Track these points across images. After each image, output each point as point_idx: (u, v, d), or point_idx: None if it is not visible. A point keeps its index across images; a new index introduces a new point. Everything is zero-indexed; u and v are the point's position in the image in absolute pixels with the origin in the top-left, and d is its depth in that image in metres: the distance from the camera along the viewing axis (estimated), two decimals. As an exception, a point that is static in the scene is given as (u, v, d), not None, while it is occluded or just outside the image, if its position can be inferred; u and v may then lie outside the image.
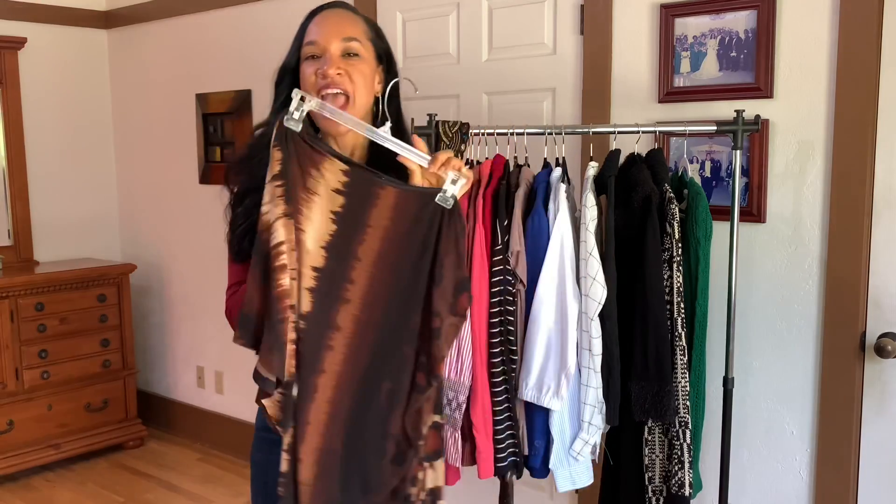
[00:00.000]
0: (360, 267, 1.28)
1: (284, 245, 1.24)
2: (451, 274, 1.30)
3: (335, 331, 1.28)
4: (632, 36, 2.41)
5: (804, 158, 2.15)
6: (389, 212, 1.29)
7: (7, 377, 3.53)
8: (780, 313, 2.22)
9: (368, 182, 1.29)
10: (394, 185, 1.30)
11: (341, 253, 1.28)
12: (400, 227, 1.29)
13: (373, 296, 1.29)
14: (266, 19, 3.44)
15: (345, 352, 1.28)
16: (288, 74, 1.53)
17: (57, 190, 4.09)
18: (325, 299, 1.27)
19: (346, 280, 1.28)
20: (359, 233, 1.28)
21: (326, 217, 1.27)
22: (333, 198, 1.27)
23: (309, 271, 1.26)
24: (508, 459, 2.08)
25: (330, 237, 1.27)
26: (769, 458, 2.29)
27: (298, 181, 1.25)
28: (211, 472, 3.72)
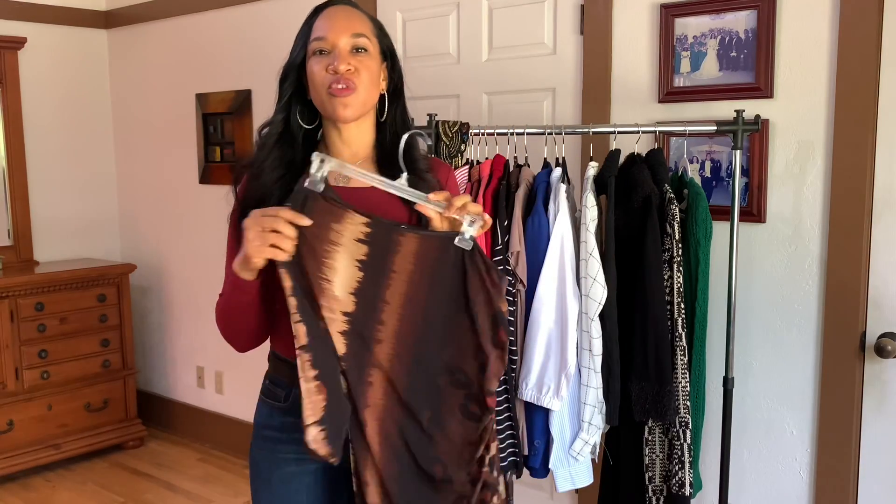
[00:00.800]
0: (388, 309, 1.38)
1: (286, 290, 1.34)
2: (485, 310, 1.39)
3: (372, 368, 1.38)
4: (632, 36, 2.41)
5: (804, 158, 2.15)
6: (412, 257, 1.38)
7: (7, 377, 3.53)
8: (780, 313, 2.22)
9: (389, 230, 1.38)
10: (414, 232, 1.39)
11: (370, 298, 1.37)
12: (424, 271, 1.38)
13: (404, 335, 1.39)
14: (266, 19, 3.44)
15: (383, 387, 1.39)
16: (293, 71, 1.52)
17: (57, 190, 4.09)
18: (359, 340, 1.37)
19: (376, 321, 1.38)
20: (384, 278, 1.38)
21: (352, 265, 1.37)
22: (357, 247, 1.37)
23: (340, 316, 1.36)
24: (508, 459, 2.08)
25: (358, 283, 1.37)
26: (769, 458, 2.29)
27: (324, 236, 1.35)
28: (211, 472, 3.72)
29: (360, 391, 1.38)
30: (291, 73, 1.53)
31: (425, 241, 1.38)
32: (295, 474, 1.54)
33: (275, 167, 1.50)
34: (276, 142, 1.52)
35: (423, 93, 2.89)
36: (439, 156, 2.18)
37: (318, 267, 1.35)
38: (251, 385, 1.66)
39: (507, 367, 2.07)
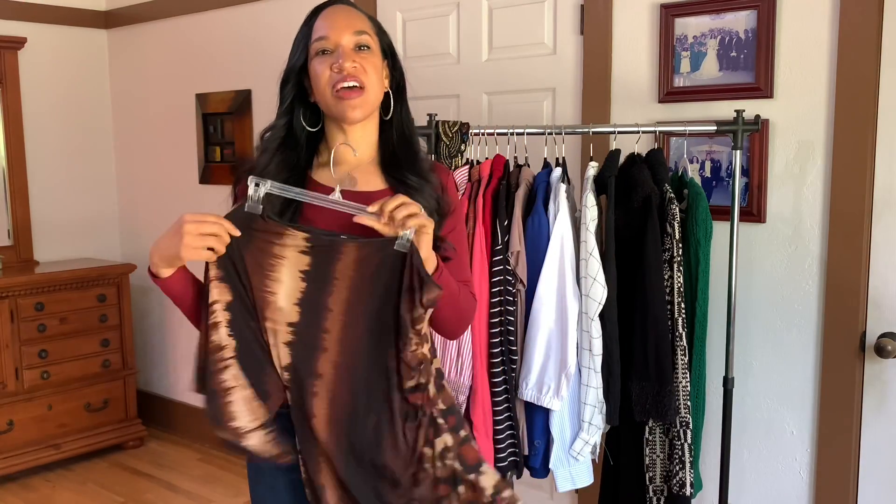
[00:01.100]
0: (332, 317, 1.40)
1: (217, 304, 1.40)
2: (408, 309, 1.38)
3: (317, 378, 1.39)
4: (632, 36, 2.41)
5: (804, 158, 2.15)
6: (353, 263, 1.39)
7: (7, 377, 3.53)
8: (780, 313, 2.22)
9: (330, 241, 1.40)
10: (353, 241, 1.40)
11: (313, 306, 1.39)
12: (365, 276, 1.39)
13: (347, 341, 1.40)
14: (266, 19, 3.44)
15: (328, 396, 1.40)
16: (294, 75, 1.51)
17: (57, 190, 4.09)
18: (304, 350, 1.40)
19: (321, 330, 1.40)
20: (327, 286, 1.39)
21: (296, 276, 1.39)
22: (300, 258, 1.40)
23: (284, 328, 1.39)
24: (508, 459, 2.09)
25: (301, 294, 1.40)
26: (769, 458, 2.29)
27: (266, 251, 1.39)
28: (211, 472, 3.72)
29: (307, 402, 1.39)
30: (293, 76, 1.51)
31: (365, 248, 1.39)
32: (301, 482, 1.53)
33: (279, 171, 1.48)
34: (279, 146, 1.51)
35: (423, 93, 2.88)
36: (439, 156, 2.18)
37: (262, 280, 1.39)
38: (251, 385, 1.66)
39: (508, 367, 2.07)
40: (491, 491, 1.42)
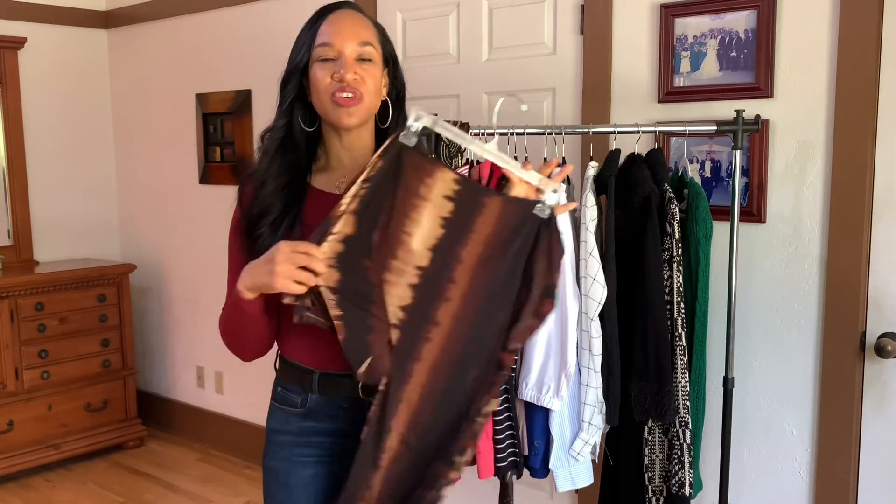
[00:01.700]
0: (461, 269, 1.40)
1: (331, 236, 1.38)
2: (541, 279, 1.40)
3: (434, 325, 1.40)
4: (632, 36, 2.41)
5: (804, 158, 2.15)
6: (493, 219, 1.40)
7: (7, 377, 3.53)
8: (780, 313, 2.22)
9: (477, 191, 1.41)
10: (499, 196, 1.41)
11: (446, 255, 1.40)
12: (501, 234, 1.40)
13: (471, 295, 1.41)
14: (266, 19, 3.44)
15: (441, 344, 1.41)
16: (296, 75, 1.51)
17: (57, 190, 4.09)
18: (427, 295, 1.40)
19: (449, 280, 1.40)
20: (464, 237, 1.40)
21: (436, 222, 1.40)
22: (444, 204, 1.40)
23: (412, 269, 1.40)
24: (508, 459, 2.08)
25: (437, 240, 1.40)
26: (769, 458, 2.29)
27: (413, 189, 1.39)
28: (211, 472, 3.72)
29: (416, 344, 1.40)
30: (294, 77, 1.51)
31: (509, 205, 1.40)
32: (314, 477, 1.54)
33: (280, 174, 1.50)
34: (279, 147, 1.52)
35: (423, 93, 2.89)
36: (439, 156, 2.18)
37: (401, 220, 1.39)
38: (251, 385, 1.67)
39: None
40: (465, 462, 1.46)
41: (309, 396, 1.54)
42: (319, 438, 1.55)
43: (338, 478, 1.55)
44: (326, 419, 1.55)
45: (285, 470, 1.55)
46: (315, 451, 1.55)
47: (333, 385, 1.53)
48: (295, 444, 1.56)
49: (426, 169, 1.40)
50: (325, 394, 1.54)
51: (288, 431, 1.57)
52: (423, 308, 1.40)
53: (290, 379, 1.58)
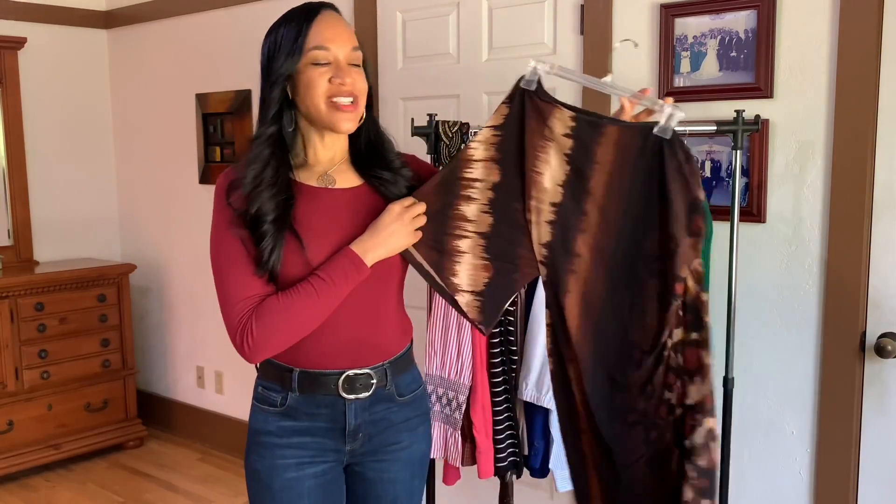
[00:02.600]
0: (591, 200, 1.45)
1: (479, 183, 1.48)
2: (682, 197, 1.39)
3: (576, 257, 1.47)
4: (632, 36, 2.41)
5: (804, 158, 2.15)
6: (613, 147, 1.44)
7: (7, 377, 3.53)
8: (780, 313, 2.22)
9: (593, 123, 1.46)
10: (615, 124, 1.45)
11: (575, 189, 1.46)
12: (624, 161, 1.43)
13: (605, 224, 1.45)
14: (266, 19, 3.42)
15: (585, 275, 1.47)
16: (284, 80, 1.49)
17: (57, 190, 4.09)
18: (564, 230, 1.47)
19: (581, 213, 1.46)
20: (588, 169, 1.45)
21: (561, 159, 1.46)
22: (564, 141, 1.46)
23: (548, 207, 1.47)
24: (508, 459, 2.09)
25: (565, 176, 1.46)
26: (769, 458, 2.29)
27: (537, 131, 1.46)
28: (211, 472, 3.73)
29: (563, 278, 1.47)
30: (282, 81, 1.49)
31: (626, 132, 1.44)
32: (296, 479, 1.55)
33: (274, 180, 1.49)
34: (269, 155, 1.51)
35: (423, 93, 2.89)
36: (439, 156, 2.18)
37: (532, 161, 1.46)
38: (251, 385, 1.67)
39: (508, 368, 2.07)
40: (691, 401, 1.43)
41: (289, 395, 1.55)
42: (300, 438, 1.56)
43: (320, 479, 1.56)
44: (305, 418, 1.55)
45: (268, 472, 1.56)
46: (296, 451, 1.55)
47: (313, 383, 1.54)
48: (276, 445, 1.56)
49: (546, 110, 1.47)
50: (304, 392, 1.54)
51: (268, 432, 1.57)
52: (563, 242, 1.47)
53: (271, 377, 1.59)
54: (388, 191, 1.57)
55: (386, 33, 3.00)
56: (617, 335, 1.46)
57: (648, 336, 1.44)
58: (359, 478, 1.63)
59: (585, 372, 1.48)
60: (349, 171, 1.60)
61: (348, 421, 1.55)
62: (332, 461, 1.58)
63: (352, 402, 1.55)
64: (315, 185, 1.55)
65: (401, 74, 2.96)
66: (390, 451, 1.62)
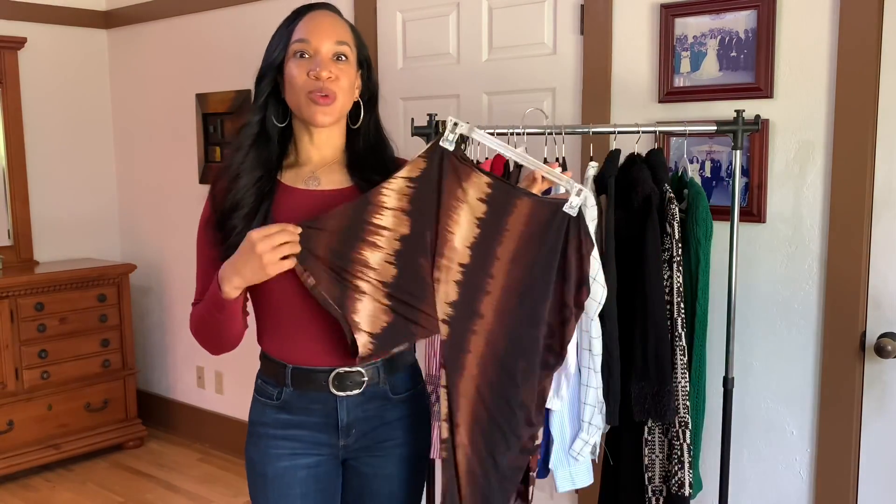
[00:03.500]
0: (498, 264, 1.51)
1: (386, 231, 1.48)
2: (575, 272, 1.52)
3: (479, 318, 1.52)
4: (632, 36, 2.41)
5: (804, 158, 2.15)
6: (525, 218, 1.51)
7: (7, 377, 3.53)
8: (780, 313, 2.22)
9: (507, 193, 1.51)
10: (529, 196, 1.51)
11: (483, 252, 1.51)
12: (533, 231, 1.51)
13: (509, 289, 1.52)
14: (266, 19, 3.44)
15: (486, 336, 1.52)
16: (271, 71, 1.54)
17: (57, 190, 4.09)
18: (470, 291, 1.51)
19: (487, 275, 1.51)
20: (498, 235, 1.51)
21: (472, 222, 1.51)
22: (478, 205, 1.51)
23: (456, 266, 1.50)
24: (508, 459, 2.08)
25: (474, 239, 1.51)
26: (769, 458, 2.29)
27: (451, 191, 1.49)
28: (211, 472, 3.73)
29: (465, 337, 1.51)
30: (269, 73, 1.55)
31: (539, 205, 1.51)
32: (288, 469, 1.58)
33: (253, 168, 1.53)
34: (253, 143, 1.55)
35: (423, 93, 2.89)
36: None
37: (445, 220, 1.50)
38: (251, 385, 1.68)
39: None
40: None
41: (283, 390, 1.58)
42: (294, 431, 1.58)
43: (312, 470, 1.59)
44: (300, 412, 1.58)
45: (262, 461, 1.59)
46: (290, 443, 1.58)
47: (305, 379, 1.56)
48: (272, 436, 1.59)
49: (464, 172, 1.50)
50: (298, 388, 1.57)
51: (265, 423, 1.61)
52: (468, 302, 1.51)
53: (268, 372, 1.62)
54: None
55: (386, 33, 3.00)
56: (510, 396, 1.53)
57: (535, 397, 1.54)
58: (355, 472, 1.64)
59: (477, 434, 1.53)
60: (339, 173, 1.59)
61: (340, 417, 1.57)
62: (326, 454, 1.60)
63: (343, 398, 1.56)
64: (293, 186, 1.57)
65: (401, 74, 2.96)
66: (386, 447, 1.63)
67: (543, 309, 1.52)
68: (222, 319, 1.50)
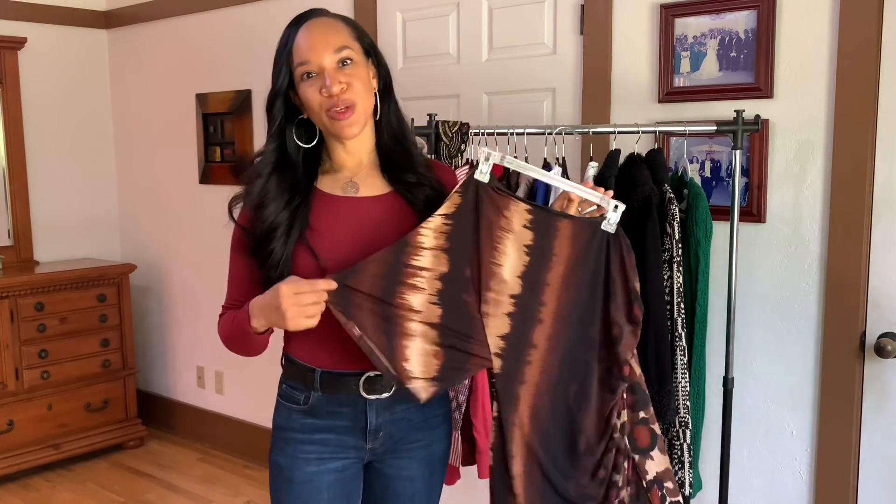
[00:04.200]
0: (549, 291, 1.49)
1: (426, 272, 1.45)
2: (623, 288, 1.50)
3: (532, 348, 1.49)
4: (632, 36, 2.41)
5: (804, 158, 2.15)
6: (569, 240, 1.49)
7: (7, 377, 3.53)
8: (780, 313, 2.22)
9: (549, 216, 1.50)
10: (568, 218, 1.51)
11: (534, 280, 1.49)
12: (577, 253, 1.50)
13: (560, 315, 1.50)
14: (266, 19, 3.44)
15: (541, 365, 1.50)
16: (280, 97, 1.52)
17: (57, 190, 4.09)
18: (522, 321, 1.49)
19: (539, 303, 1.49)
20: (547, 261, 1.49)
21: (521, 251, 1.49)
22: (524, 233, 1.49)
23: (507, 299, 1.48)
24: (508, 459, 2.08)
25: (524, 267, 1.49)
26: (769, 458, 2.29)
27: (495, 223, 1.47)
28: (211, 472, 3.72)
29: (518, 369, 1.49)
30: (278, 100, 1.52)
31: (578, 226, 1.50)
32: (316, 473, 1.57)
33: (280, 193, 1.50)
34: (273, 170, 1.52)
35: (423, 93, 2.89)
36: (439, 156, 2.18)
37: (490, 253, 1.47)
38: (251, 385, 1.68)
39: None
40: (651, 476, 1.53)
41: (311, 394, 1.56)
42: (322, 435, 1.57)
43: (339, 474, 1.58)
44: (328, 416, 1.57)
45: (289, 466, 1.58)
46: (317, 447, 1.57)
47: (334, 383, 1.55)
48: (299, 441, 1.58)
49: (502, 202, 1.48)
50: (327, 392, 1.55)
51: (291, 428, 1.59)
52: (520, 333, 1.49)
53: (294, 377, 1.60)
54: (413, 197, 1.54)
55: (386, 33, 3.00)
56: (565, 423, 1.51)
57: (595, 421, 1.52)
58: (377, 474, 1.64)
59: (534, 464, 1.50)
60: (377, 178, 1.58)
61: (369, 420, 1.56)
62: (353, 458, 1.59)
63: (373, 402, 1.55)
64: (331, 193, 1.55)
65: (401, 74, 2.96)
66: (410, 448, 1.62)
67: (594, 330, 1.51)
68: (247, 342, 1.52)
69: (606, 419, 1.51)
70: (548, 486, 1.51)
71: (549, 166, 2.10)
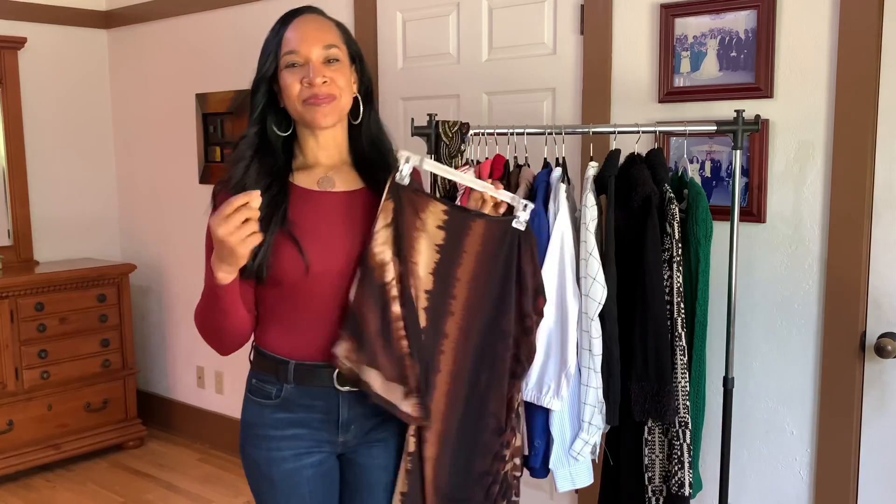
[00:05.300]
0: (459, 285, 1.60)
1: (395, 280, 1.54)
2: (531, 282, 1.63)
3: (444, 338, 1.59)
4: (632, 36, 2.41)
5: (804, 158, 2.15)
6: (479, 238, 1.60)
7: (7, 377, 3.53)
8: (780, 313, 2.22)
9: (462, 217, 1.60)
10: (482, 217, 1.60)
11: (444, 276, 1.59)
12: (488, 249, 1.60)
13: (471, 306, 1.60)
14: (266, 19, 3.42)
15: (453, 354, 1.60)
16: (265, 83, 1.56)
17: (57, 190, 4.09)
18: (436, 314, 1.58)
19: (449, 297, 1.59)
20: (457, 258, 1.59)
21: (432, 249, 1.58)
22: (437, 233, 1.58)
23: (423, 294, 1.57)
24: (508, 459, 2.08)
25: (435, 264, 1.58)
26: (769, 458, 2.29)
27: (411, 223, 1.55)
28: (211, 472, 3.73)
29: (435, 359, 1.58)
30: (263, 84, 1.56)
31: (491, 224, 1.60)
32: (294, 470, 1.59)
33: (259, 178, 1.53)
34: (255, 153, 1.56)
35: (423, 93, 2.89)
36: (439, 156, 2.18)
37: (409, 252, 1.55)
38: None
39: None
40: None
41: (284, 387, 1.57)
42: (295, 430, 1.58)
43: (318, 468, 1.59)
44: (301, 410, 1.58)
45: (266, 464, 1.59)
46: (293, 443, 1.58)
47: (308, 374, 1.56)
48: (272, 437, 1.59)
49: (421, 203, 1.56)
50: (300, 383, 1.56)
51: (264, 424, 1.60)
52: (435, 325, 1.58)
53: (265, 369, 1.60)
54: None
55: (386, 33, 3.00)
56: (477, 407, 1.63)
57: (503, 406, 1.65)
58: (350, 465, 1.65)
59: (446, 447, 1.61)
60: (351, 174, 1.61)
61: (341, 413, 1.58)
62: (328, 451, 1.61)
63: (346, 394, 1.56)
64: (307, 188, 1.57)
65: (401, 74, 2.96)
66: (382, 439, 1.64)
67: (505, 322, 1.62)
68: (223, 308, 1.49)
69: (510, 404, 1.66)
70: (456, 466, 1.62)
71: (549, 167, 2.09)
